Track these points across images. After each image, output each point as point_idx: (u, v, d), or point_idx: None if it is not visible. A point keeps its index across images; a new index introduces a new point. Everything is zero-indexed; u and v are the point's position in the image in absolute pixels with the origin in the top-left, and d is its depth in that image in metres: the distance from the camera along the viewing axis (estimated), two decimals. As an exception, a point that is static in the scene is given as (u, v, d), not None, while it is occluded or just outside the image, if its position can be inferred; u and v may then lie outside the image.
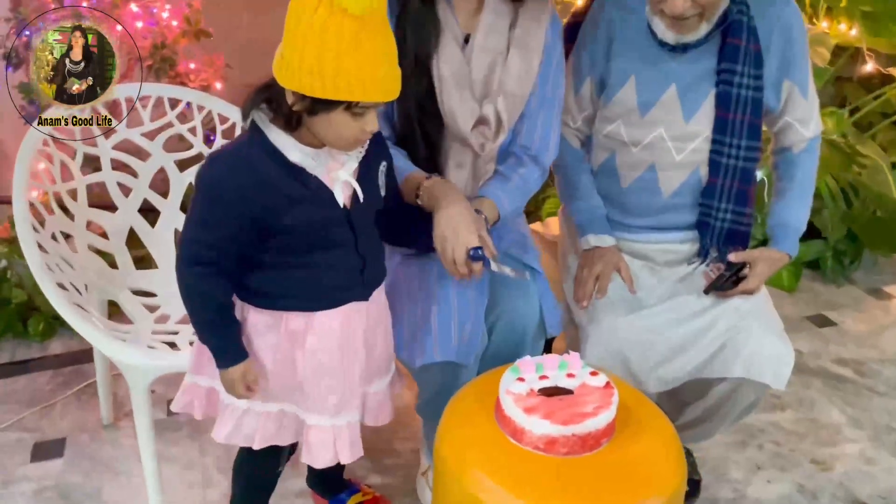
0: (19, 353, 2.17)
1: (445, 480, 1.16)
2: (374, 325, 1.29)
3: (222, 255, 1.12)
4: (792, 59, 1.50)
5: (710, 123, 1.51)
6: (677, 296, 1.54)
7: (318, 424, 1.26)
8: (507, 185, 1.46)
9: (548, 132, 1.50)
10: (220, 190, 1.09)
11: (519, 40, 1.43)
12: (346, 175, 1.14)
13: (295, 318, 1.19)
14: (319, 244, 1.16)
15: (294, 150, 1.10)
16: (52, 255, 1.44)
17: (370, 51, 1.02)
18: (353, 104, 1.05)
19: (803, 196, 1.59)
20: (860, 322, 2.40)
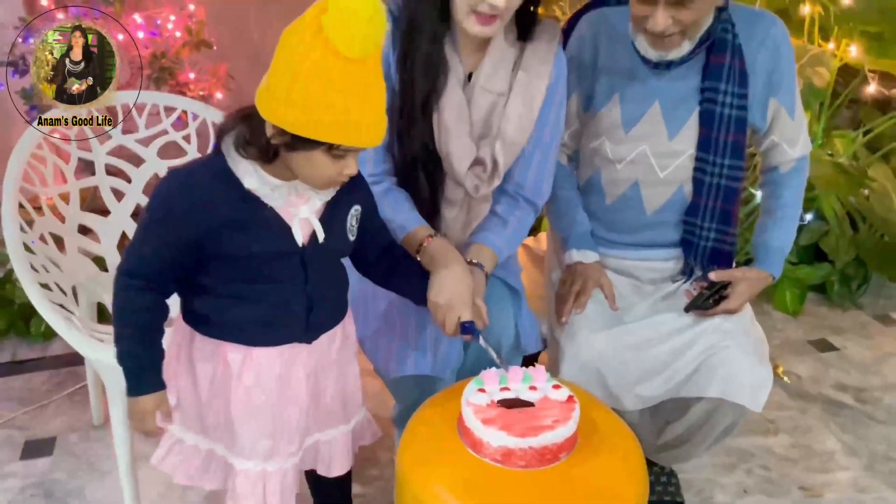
0: (20, 353, 2.22)
1: (404, 492, 1.16)
2: (323, 370, 1.24)
3: (157, 271, 1.09)
4: (778, 78, 1.49)
5: (693, 141, 1.50)
6: (659, 314, 1.53)
7: (245, 469, 1.20)
8: (504, 230, 1.44)
9: (542, 174, 1.48)
10: (166, 206, 1.07)
11: (522, 84, 1.39)
12: (308, 212, 1.11)
13: (233, 350, 1.15)
14: (263, 277, 1.12)
15: (251, 177, 1.07)
16: (38, 255, 1.47)
17: (361, 95, 1.00)
18: (335, 146, 1.02)
19: (789, 216, 1.57)
20: (864, 348, 2.35)
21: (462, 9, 1.27)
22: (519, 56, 1.40)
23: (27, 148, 1.54)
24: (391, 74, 1.35)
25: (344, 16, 0.94)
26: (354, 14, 0.94)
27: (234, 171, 1.07)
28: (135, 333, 1.11)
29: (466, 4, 1.26)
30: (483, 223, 1.47)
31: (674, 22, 1.36)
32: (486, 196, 1.46)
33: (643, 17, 1.38)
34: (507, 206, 1.47)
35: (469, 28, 1.29)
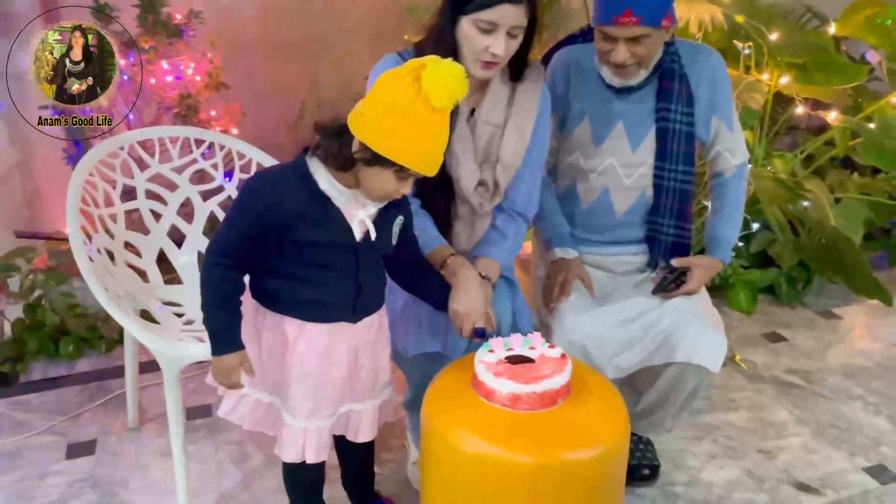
0: (50, 371, 2.40)
1: (432, 438, 1.40)
2: (361, 347, 1.47)
3: (242, 251, 1.32)
4: (717, 99, 1.80)
5: (652, 153, 1.80)
6: (631, 298, 1.80)
7: (290, 423, 1.44)
8: (505, 243, 1.71)
9: (531, 191, 1.74)
10: (253, 198, 1.32)
11: (515, 117, 1.65)
12: (365, 215, 1.35)
13: (290, 324, 1.39)
14: (324, 264, 1.36)
15: (325, 180, 1.32)
16: (97, 264, 1.70)
17: (436, 135, 1.27)
18: (404, 169, 1.27)
19: (734, 213, 1.87)
20: (810, 339, 2.66)
21: (469, 58, 1.54)
22: (511, 94, 1.67)
23: (82, 175, 1.78)
24: None
25: (439, 76, 1.21)
26: (447, 76, 1.22)
27: (311, 174, 1.33)
28: (221, 302, 1.34)
29: (473, 51, 1.53)
30: (486, 238, 1.73)
31: (632, 55, 1.66)
32: (488, 212, 1.73)
33: (607, 52, 1.69)
34: (505, 222, 1.74)
35: (474, 73, 1.55)
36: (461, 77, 1.24)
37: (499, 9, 1.47)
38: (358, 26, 2.85)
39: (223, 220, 1.37)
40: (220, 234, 1.34)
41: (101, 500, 1.86)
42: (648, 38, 1.64)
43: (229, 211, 1.36)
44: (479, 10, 1.48)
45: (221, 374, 1.38)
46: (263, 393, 1.48)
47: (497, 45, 1.50)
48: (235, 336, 1.36)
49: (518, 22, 1.50)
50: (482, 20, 1.49)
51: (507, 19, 1.48)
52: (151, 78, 2.09)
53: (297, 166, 1.34)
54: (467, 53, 1.54)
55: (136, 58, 2.02)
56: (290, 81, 2.87)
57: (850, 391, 2.34)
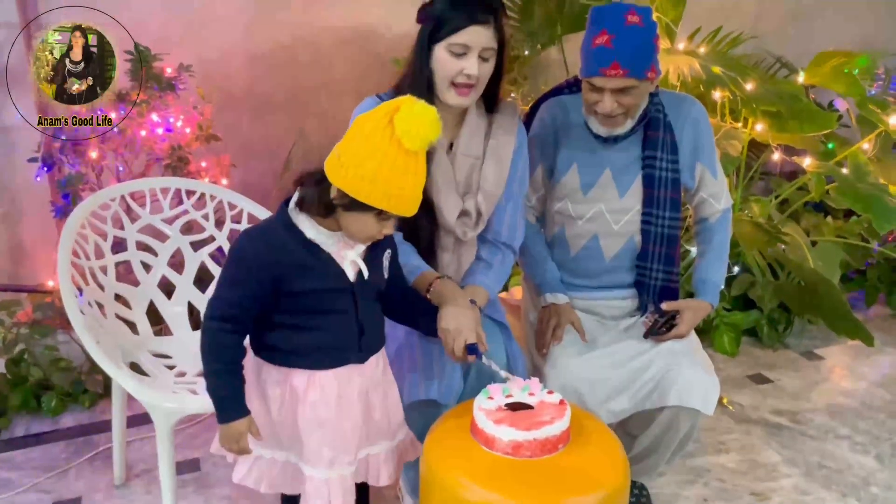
0: (34, 427, 2.35)
1: (432, 487, 1.39)
2: (373, 388, 1.47)
3: (242, 312, 1.33)
4: (701, 146, 1.86)
5: (639, 199, 1.84)
6: (621, 342, 1.83)
7: (312, 476, 1.42)
8: (490, 271, 1.74)
9: (515, 221, 1.79)
10: (246, 257, 1.32)
11: (493, 149, 1.72)
12: (355, 255, 1.37)
13: (298, 375, 1.39)
14: (324, 310, 1.37)
15: (310, 229, 1.34)
16: (88, 317, 1.69)
17: (412, 177, 1.28)
18: (384, 212, 1.30)
19: (720, 256, 1.91)
20: (794, 379, 2.69)
21: (443, 83, 1.60)
22: (488, 127, 1.74)
23: (74, 228, 1.77)
24: None
25: (412, 119, 1.24)
26: (420, 119, 1.24)
27: (296, 225, 1.34)
28: (227, 368, 1.34)
29: (446, 78, 1.59)
30: (472, 268, 1.76)
31: (618, 105, 1.72)
32: (472, 241, 1.77)
33: (594, 102, 1.74)
34: (489, 252, 1.77)
35: (450, 100, 1.62)
36: (434, 120, 1.26)
37: (469, 31, 1.54)
38: (343, 78, 2.89)
39: (219, 284, 1.37)
40: (218, 299, 1.34)
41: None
42: (635, 90, 1.70)
43: (224, 273, 1.36)
44: (450, 35, 1.55)
45: (230, 440, 1.36)
46: (277, 451, 1.45)
47: (471, 66, 1.57)
48: (241, 401, 1.36)
49: (489, 44, 1.57)
50: (455, 44, 1.55)
51: (478, 41, 1.55)
52: (142, 130, 2.10)
53: (282, 219, 1.36)
54: (443, 81, 1.60)
55: (127, 110, 2.03)
56: (278, 133, 2.90)
57: (837, 431, 2.37)
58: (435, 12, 1.59)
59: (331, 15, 2.85)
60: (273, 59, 2.84)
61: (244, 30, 2.77)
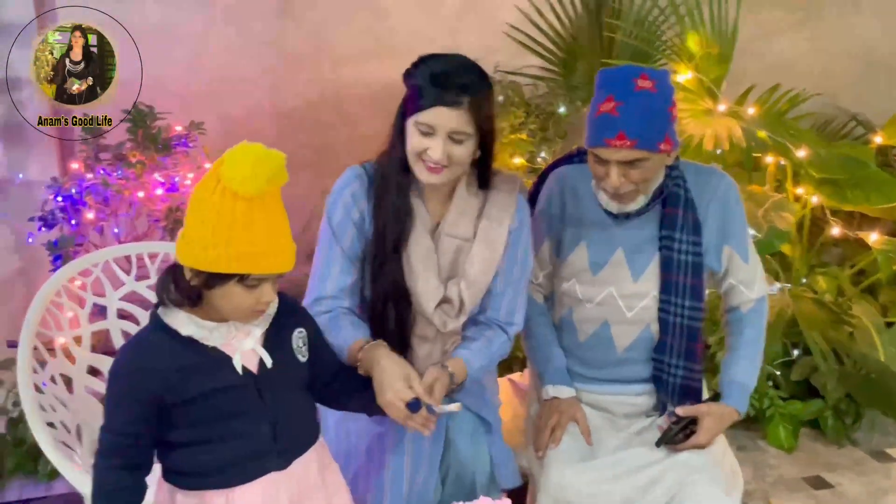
0: (26, 492, 2.27)
1: None
2: (307, 495, 1.28)
3: (129, 440, 1.17)
4: (729, 226, 1.63)
5: (656, 284, 1.62)
6: (631, 447, 1.59)
7: None
8: (472, 345, 1.55)
9: (514, 308, 1.60)
10: (121, 375, 1.18)
11: (484, 231, 1.54)
12: (251, 343, 1.22)
13: (215, 497, 1.21)
14: (224, 414, 1.20)
15: (186, 325, 1.18)
16: (47, 395, 1.59)
17: (261, 228, 1.13)
18: (246, 277, 1.14)
19: (752, 354, 1.66)
20: (860, 485, 2.35)
21: (412, 157, 1.45)
22: (482, 205, 1.56)
23: (47, 296, 1.69)
24: (366, 225, 1.52)
25: (236, 163, 1.11)
26: (244, 159, 1.11)
27: (169, 325, 1.18)
28: None
29: (415, 153, 1.45)
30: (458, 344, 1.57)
31: (626, 180, 1.51)
32: (455, 331, 1.57)
33: (601, 176, 1.54)
34: (477, 329, 1.58)
35: (419, 175, 1.46)
36: (261, 156, 1.12)
37: (433, 111, 1.41)
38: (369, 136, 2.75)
39: (104, 416, 1.21)
40: (103, 430, 1.19)
41: None
42: (645, 162, 1.49)
43: (105, 402, 1.21)
44: (417, 112, 1.43)
45: None
46: None
47: (435, 148, 1.42)
48: None
49: (459, 127, 1.41)
50: (420, 123, 1.43)
51: (444, 123, 1.41)
52: (140, 191, 2.03)
53: (153, 323, 1.21)
54: (411, 157, 1.46)
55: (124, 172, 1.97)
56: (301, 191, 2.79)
57: (906, 555, 2.02)
58: (411, 83, 1.45)
59: (358, 73, 2.77)
60: (299, 117, 2.77)
61: (270, 88, 2.72)
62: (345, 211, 1.52)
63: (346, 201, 1.52)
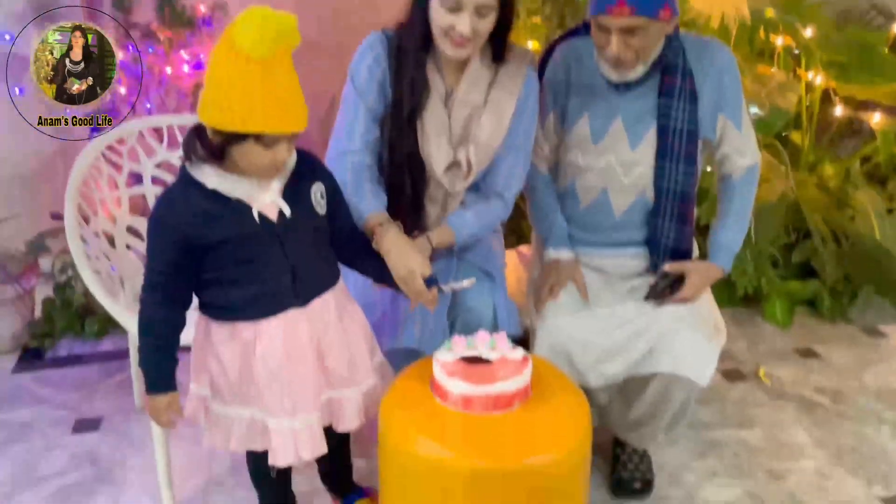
0: (75, 349, 2.50)
1: (385, 436, 1.37)
2: (323, 332, 1.42)
3: (168, 280, 1.31)
4: (725, 96, 1.70)
5: (652, 151, 1.72)
6: (623, 303, 1.73)
7: (277, 427, 1.39)
8: (466, 214, 1.67)
9: (512, 174, 1.70)
10: (158, 223, 1.31)
11: (494, 99, 1.64)
12: (271, 196, 1.32)
13: (245, 329, 1.36)
14: (249, 258, 1.33)
15: (211, 178, 1.28)
16: (91, 246, 1.75)
17: (272, 89, 1.20)
18: (261, 136, 1.23)
19: (740, 219, 1.77)
20: (847, 356, 2.48)
21: (438, 33, 1.53)
22: (493, 76, 1.65)
23: (88, 159, 1.83)
24: (387, 87, 1.62)
25: (247, 25, 1.17)
26: (254, 21, 1.17)
27: (196, 179, 1.30)
28: (155, 343, 1.35)
29: (441, 29, 1.52)
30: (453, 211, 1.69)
31: (626, 48, 1.59)
32: (461, 192, 1.69)
33: (602, 44, 1.62)
34: (474, 198, 1.70)
35: (445, 50, 1.55)
36: (269, 17, 1.18)
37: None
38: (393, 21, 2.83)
39: (146, 259, 1.36)
40: (146, 272, 1.34)
41: (96, 476, 1.92)
42: (645, 30, 1.56)
43: (147, 243, 1.35)
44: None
45: (154, 411, 1.39)
46: (240, 409, 1.43)
47: (462, 24, 1.49)
48: (167, 378, 1.37)
49: (484, 1, 1.48)
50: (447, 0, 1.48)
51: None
52: (167, 67, 2.14)
53: (182, 178, 1.33)
54: (437, 33, 1.53)
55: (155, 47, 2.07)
56: (323, 77, 2.87)
57: (881, 415, 2.18)
58: None
59: (382, -44, 2.78)
60: (322, 2, 2.81)
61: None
62: (369, 71, 1.62)
63: (370, 62, 1.61)
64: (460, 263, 1.73)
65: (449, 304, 1.68)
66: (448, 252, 1.69)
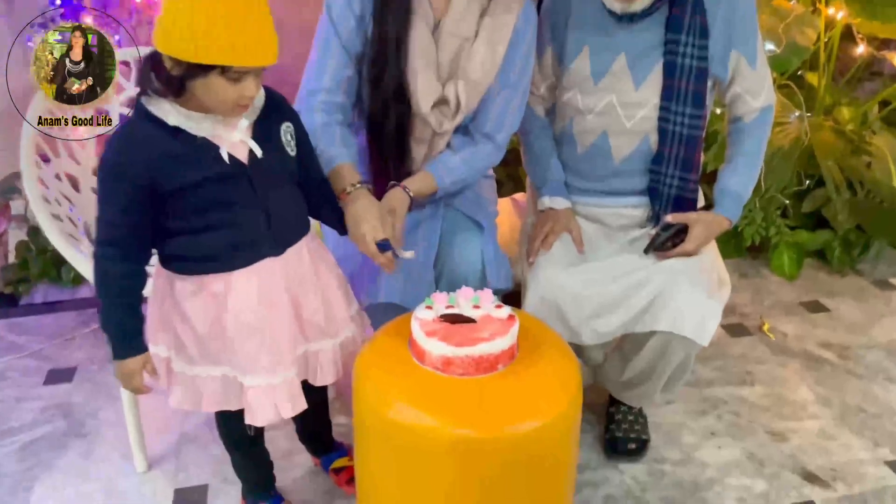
0: (51, 295, 2.41)
1: (358, 398, 1.27)
2: (300, 283, 1.32)
3: (127, 231, 1.18)
4: (739, 30, 1.55)
5: (657, 91, 1.58)
6: (622, 255, 1.61)
7: (254, 385, 1.30)
8: (451, 159, 1.54)
9: (504, 113, 1.57)
10: (111, 166, 1.16)
11: (487, 30, 1.49)
12: (240, 134, 1.20)
13: (214, 281, 1.25)
14: (217, 203, 1.21)
15: (172, 114, 1.15)
16: (52, 190, 1.63)
17: (241, 18, 1.09)
18: (227, 69, 1.11)
19: (750, 164, 1.63)
20: (856, 310, 2.38)
21: None
22: (486, 4, 1.50)
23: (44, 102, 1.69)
24: (366, 20, 1.47)
25: None
26: None
27: (156, 115, 1.16)
28: (117, 302, 1.23)
29: None
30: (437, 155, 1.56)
31: (630, -26, 1.44)
32: (449, 132, 1.56)
33: (605, -29, 1.47)
34: (461, 141, 1.57)
35: None
36: None
37: None
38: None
39: (97, 207, 1.20)
40: (99, 221, 1.20)
41: (68, 428, 1.85)
42: (650, -45, 1.41)
43: (98, 190, 1.21)
44: None
45: (123, 377, 1.28)
46: (211, 367, 1.32)
47: None
48: (134, 338, 1.26)
49: None
50: None
51: None
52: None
53: (138, 113, 1.18)
54: None
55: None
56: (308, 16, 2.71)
57: (890, 372, 2.08)
58: None
59: None
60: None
61: None
62: (346, 1, 1.47)
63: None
64: (447, 212, 1.61)
65: (434, 256, 1.57)
66: (436, 200, 1.57)
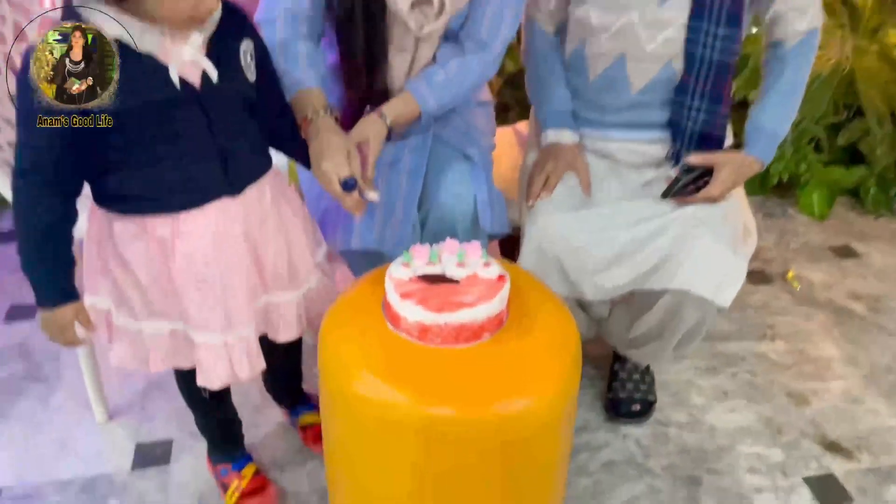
0: (9, 224, 2.25)
1: (325, 367, 1.11)
2: (260, 226, 1.17)
3: (52, 154, 1.02)
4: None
5: (686, 9, 1.34)
6: (635, 199, 1.41)
7: (206, 342, 1.16)
8: (435, 78, 1.33)
9: (500, 18, 1.35)
10: (32, 83, 0.96)
11: None
12: (191, 52, 1.02)
13: (160, 223, 1.09)
14: (165, 133, 1.05)
15: (110, 25, 0.97)
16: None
17: None
18: None
19: (788, 98, 1.40)
20: (890, 257, 2.18)
21: None
22: None
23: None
24: None
25: None
26: None
27: (90, 21, 0.96)
28: (40, 240, 1.06)
29: None
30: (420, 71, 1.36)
31: None
32: (433, 41, 1.35)
33: None
34: (450, 50, 1.35)
35: None
36: None
37: None
38: None
39: (18, 131, 1.03)
40: (19, 147, 1.02)
41: (26, 372, 1.72)
42: None
43: (18, 116, 1.01)
44: None
45: (51, 330, 1.12)
46: (157, 321, 1.16)
47: None
48: (64, 283, 1.09)
49: None
50: None
51: None
52: None
53: (69, 18, 0.98)
54: None
55: None
56: None
57: (926, 328, 1.90)
58: None
59: None
60: None
61: None
62: None
63: None
64: (434, 144, 1.40)
65: (419, 197, 1.37)
66: (423, 126, 1.37)
